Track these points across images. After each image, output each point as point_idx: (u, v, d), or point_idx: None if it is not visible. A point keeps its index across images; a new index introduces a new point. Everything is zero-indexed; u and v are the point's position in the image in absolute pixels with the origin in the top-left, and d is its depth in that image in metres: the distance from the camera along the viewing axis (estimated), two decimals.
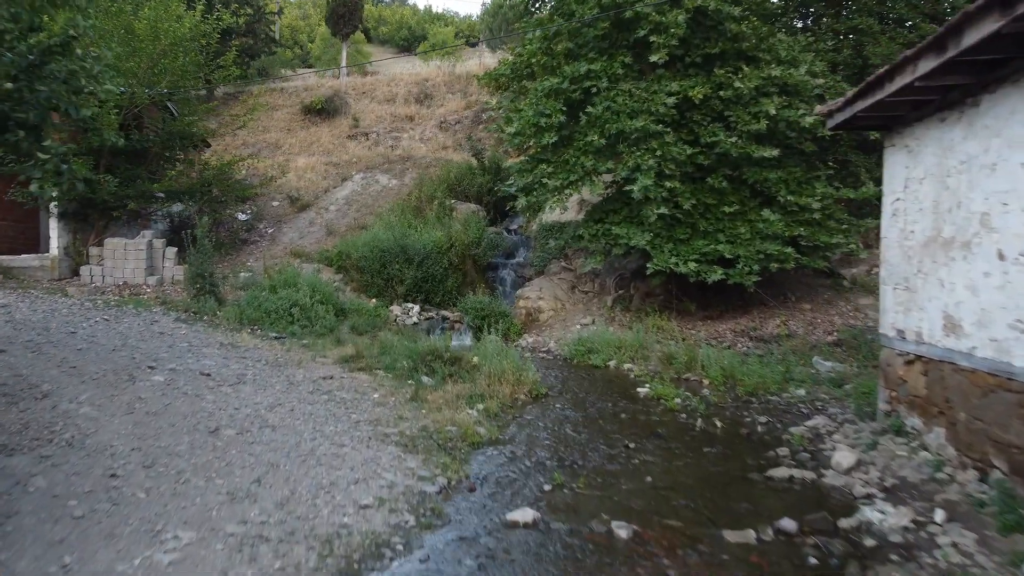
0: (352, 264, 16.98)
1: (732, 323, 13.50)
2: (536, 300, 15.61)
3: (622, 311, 14.76)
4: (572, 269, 16.80)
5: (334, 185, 23.66)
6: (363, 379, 9.29)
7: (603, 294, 15.71)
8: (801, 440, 7.17)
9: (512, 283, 18.49)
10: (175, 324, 12.25)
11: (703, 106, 13.13)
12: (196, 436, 6.41)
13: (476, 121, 28.30)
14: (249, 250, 19.95)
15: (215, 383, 8.37)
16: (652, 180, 12.17)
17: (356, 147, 27.14)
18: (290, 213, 22.26)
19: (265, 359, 9.97)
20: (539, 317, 15.36)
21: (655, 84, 13.04)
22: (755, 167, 13.13)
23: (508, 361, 9.50)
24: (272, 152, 27.34)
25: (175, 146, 18.19)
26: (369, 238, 17.16)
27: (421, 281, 16.67)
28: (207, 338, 11.21)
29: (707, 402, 9.05)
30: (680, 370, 10.93)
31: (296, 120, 29.65)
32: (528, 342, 14.11)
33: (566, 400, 9.25)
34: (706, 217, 13.18)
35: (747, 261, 12.49)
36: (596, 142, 12.67)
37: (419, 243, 17.03)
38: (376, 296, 16.46)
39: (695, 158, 12.86)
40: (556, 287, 16.16)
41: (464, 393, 8.72)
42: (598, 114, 12.76)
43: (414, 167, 24.38)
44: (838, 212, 13.52)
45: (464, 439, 6.99)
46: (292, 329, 12.70)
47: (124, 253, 16.02)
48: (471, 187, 21.65)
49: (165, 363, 9.15)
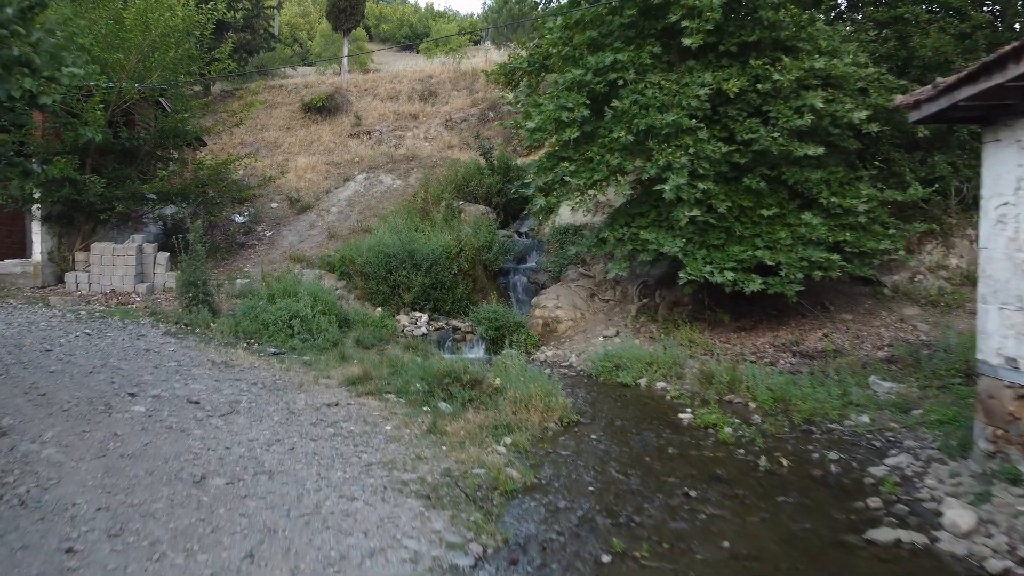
0: (356, 270, 15.90)
1: (770, 336, 12.44)
2: (553, 309, 14.55)
3: (647, 321, 13.70)
4: (591, 275, 15.74)
5: (336, 186, 22.60)
6: (372, 405, 8.22)
7: (625, 303, 14.65)
8: (892, 487, 6.10)
9: (524, 289, 17.43)
10: (164, 339, 11.18)
11: (738, 100, 12.07)
12: (178, 488, 5.34)
13: (483, 119, 27.25)
14: (246, 254, 18.88)
15: (204, 413, 7.30)
16: (685, 179, 11.12)
17: (358, 146, 26.09)
18: (290, 215, 21.20)
19: (262, 381, 8.90)
20: (557, 328, 14.30)
21: (686, 76, 11.98)
22: (795, 167, 12.07)
23: (535, 385, 8.43)
24: (271, 151, 26.28)
25: (168, 144, 17.12)
26: (373, 242, 16.08)
27: (429, 288, 15.60)
28: (198, 355, 10.13)
29: (762, 432, 7.99)
30: (721, 391, 9.87)
31: (296, 118, 28.58)
32: (547, 356, 13.04)
33: (602, 429, 8.19)
34: (742, 221, 12.12)
35: (789, 269, 11.44)
36: (623, 138, 11.60)
37: (426, 248, 15.96)
38: (381, 305, 15.40)
39: (730, 156, 11.80)
40: (574, 295, 15.09)
41: (488, 423, 7.65)
42: (625, 108, 11.70)
43: (419, 167, 23.32)
44: (883, 215, 12.48)
45: (495, 486, 5.92)
46: (292, 343, 11.64)
47: (112, 259, 14.96)
48: (479, 188, 20.58)
49: (148, 388, 8.08)
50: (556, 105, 11.98)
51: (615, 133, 11.74)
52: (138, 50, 14.61)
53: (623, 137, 11.61)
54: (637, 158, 11.85)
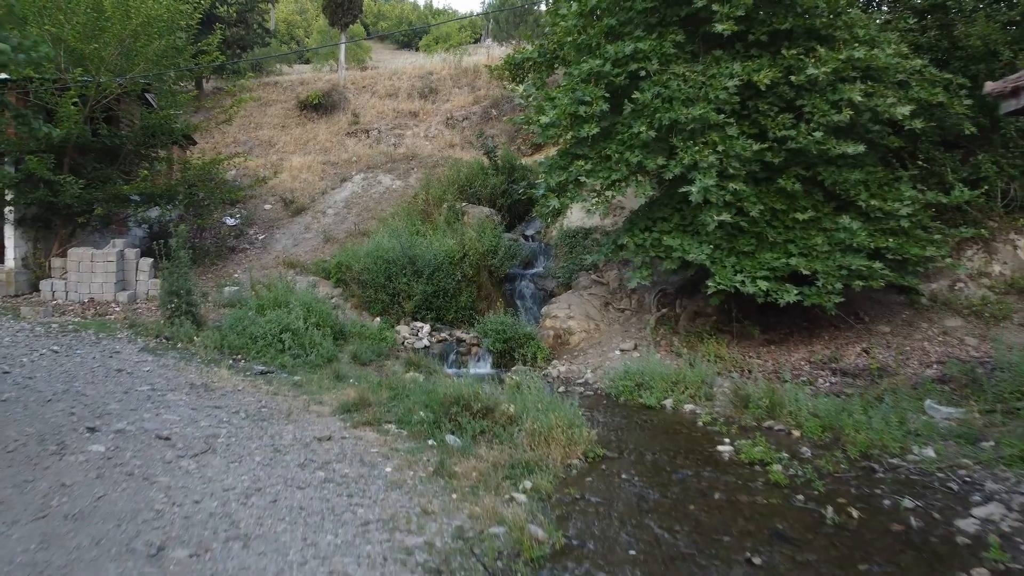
0: (353, 277, 14.87)
1: (804, 351, 11.42)
2: (565, 320, 13.52)
3: (668, 333, 12.68)
4: (604, 282, 14.71)
5: (332, 186, 21.58)
6: (370, 439, 7.19)
7: (642, 312, 13.63)
8: (998, 552, 5.08)
9: (532, 297, 16.42)
10: (140, 356, 10.14)
11: (769, 93, 11.06)
12: (128, 566, 4.32)
13: (485, 117, 26.24)
14: (237, 259, 17.85)
15: (174, 453, 6.28)
16: (714, 180, 10.10)
17: (356, 145, 25.06)
18: (283, 217, 20.18)
19: (245, 409, 7.86)
20: (569, 340, 13.28)
21: (713, 67, 10.97)
22: (831, 166, 11.07)
23: (555, 414, 7.40)
24: (265, 150, 25.26)
25: (155, 143, 16.08)
26: (372, 247, 15.05)
27: (431, 297, 14.57)
28: (176, 377, 9.10)
29: (818, 470, 6.97)
30: (759, 416, 8.85)
31: (291, 116, 27.54)
32: (560, 371, 12.01)
33: (632, 465, 7.16)
34: (773, 225, 11.10)
35: (827, 278, 10.43)
36: (644, 134, 10.58)
37: (428, 253, 14.94)
38: (380, 314, 14.38)
39: (762, 155, 10.79)
40: (587, 304, 14.07)
41: (503, 461, 6.63)
42: (646, 101, 10.68)
43: (419, 166, 22.31)
44: (925, 219, 11.48)
45: (518, 551, 4.89)
46: (282, 360, 10.61)
47: (91, 265, 13.92)
48: (483, 189, 19.56)
49: (113, 420, 7.05)
50: (572, 99, 10.95)
51: (635, 129, 10.72)
52: (118, 40, 13.56)
53: (644, 133, 10.59)
54: (659, 156, 10.82)
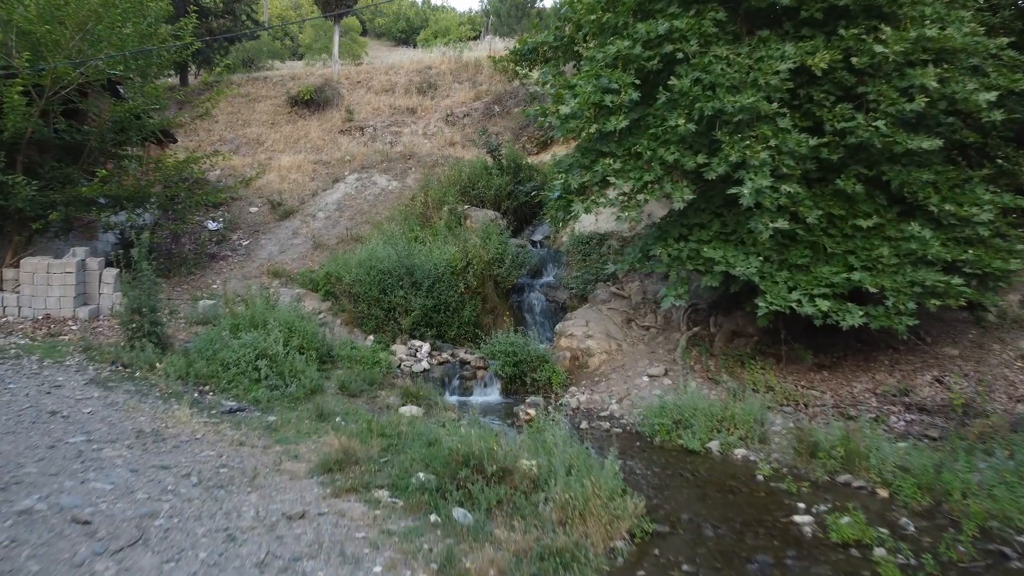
0: (343, 290, 13.26)
1: (866, 379, 9.84)
2: (583, 339, 11.93)
3: (701, 356, 11.09)
4: (625, 295, 13.12)
5: (323, 187, 19.97)
6: (356, 515, 5.59)
7: (670, 331, 12.04)
8: None
9: (543, 310, 14.83)
10: (86, 391, 8.53)
11: (825, 79, 9.50)
12: None
13: (488, 113, 24.66)
14: (218, 267, 16.24)
15: (90, 548, 4.68)
16: (769, 180, 8.53)
17: (350, 143, 23.47)
18: (270, 221, 18.57)
19: (200, 470, 6.26)
20: (588, 363, 11.68)
21: (760, 48, 9.39)
22: (897, 165, 9.50)
23: (592, 479, 5.81)
24: (252, 149, 23.65)
25: (128, 140, 14.47)
26: (365, 256, 13.43)
27: (431, 311, 12.97)
28: (123, 420, 7.49)
29: (934, 555, 5.39)
30: (832, 468, 7.27)
31: (281, 113, 25.94)
32: (579, 402, 10.43)
33: (692, 548, 5.58)
34: (830, 234, 9.54)
35: (897, 296, 8.86)
36: (682, 128, 8.99)
37: (428, 262, 13.34)
38: (374, 332, 12.78)
39: (818, 151, 9.23)
40: (607, 320, 12.48)
41: (530, 549, 5.05)
42: (684, 88, 9.10)
43: (418, 166, 20.71)
44: (1005, 227, 9.93)
45: None
46: (256, 393, 9.01)
47: (47, 277, 12.31)
48: (487, 190, 17.95)
49: (21, 493, 5.44)
50: (596, 86, 9.36)
51: (671, 121, 9.14)
52: (76, 22, 11.94)
53: (682, 126, 9.00)
54: (699, 153, 9.23)
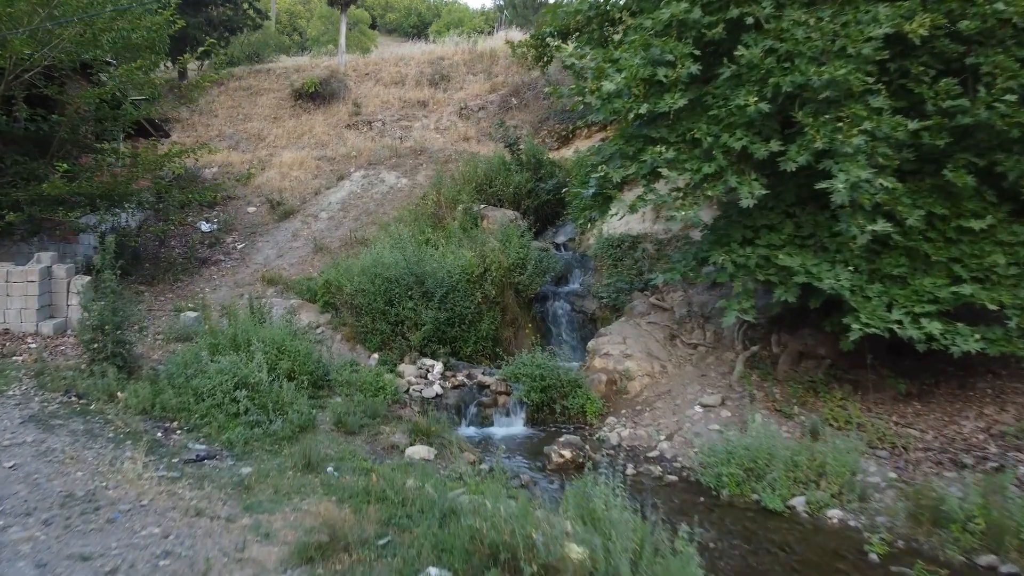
0: (344, 301, 11.62)
1: (974, 414, 8.09)
2: (621, 359, 10.25)
3: (763, 381, 9.38)
4: (666, 307, 11.42)
5: (327, 185, 18.37)
6: None
7: (721, 349, 10.34)
8: None
9: (569, 322, 13.19)
10: (20, 431, 6.92)
11: (923, 50, 7.78)
12: None
13: (504, 106, 22.97)
14: (209, 274, 14.67)
15: None
16: (868, 171, 6.82)
17: (356, 138, 21.86)
18: (269, 222, 17.00)
19: (132, 562, 4.61)
20: (628, 387, 9.99)
21: (847, 11, 7.67)
22: (1015, 153, 7.77)
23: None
24: (253, 144, 22.08)
25: (106, 131, 12.93)
26: (369, 262, 11.77)
27: (444, 325, 11.33)
28: (53, 477, 5.87)
29: None
30: (967, 544, 5.58)
31: (284, 107, 24.36)
32: (622, 438, 8.74)
33: None
34: (930, 238, 7.81)
35: (1021, 315, 7.15)
36: (751, 108, 7.30)
37: (441, 269, 11.70)
38: (379, 349, 11.15)
39: (918, 136, 7.51)
40: (647, 337, 10.80)
41: None
42: (755, 60, 7.41)
43: (429, 162, 19.08)
44: None
45: None
46: (232, 433, 7.38)
47: (6, 286, 10.75)
48: (505, 187, 16.28)
49: None
50: (646, 58, 7.66)
51: (737, 100, 7.44)
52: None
53: (751, 106, 7.31)
54: (771, 139, 7.53)
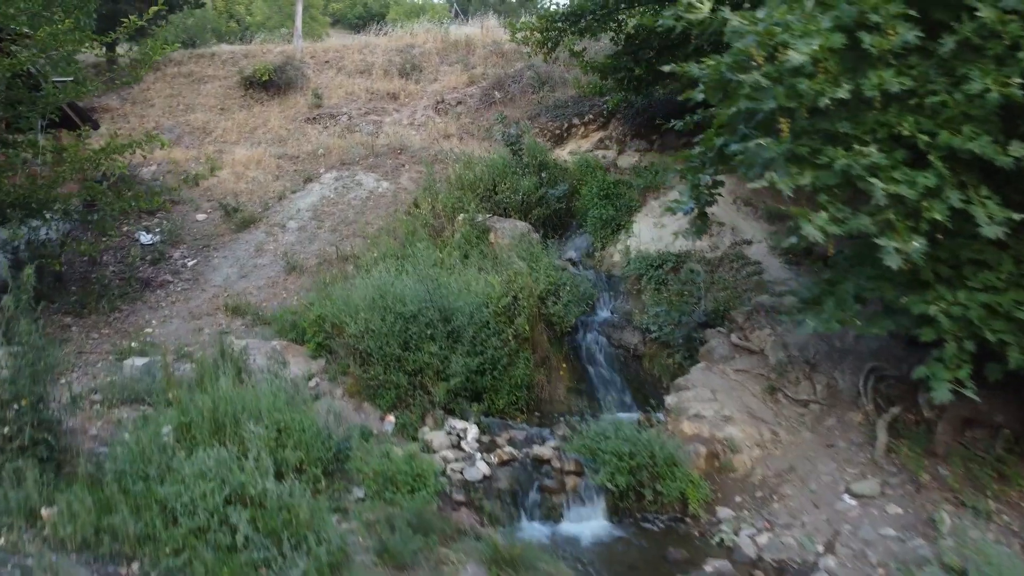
0: (346, 344, 8.93)
1: None
2: (718, 422, 7.91)
3: (920, 456, 7.17)
4: (751, 347, 9.14)
5: (293, 189, 15.54)
6: None
7: (840, 407, 8.11)
8: None
9: (609, 360, 10.87)
10: None
11: None
12: None
13: (487, 100, 20.43)
14: (154, 299, 11.77)
15: None
16: None
17: (320, 134, 19.00)
18: (224, 232, 14.12)
19: None
20: (734, 463, 7.64)
21: None
22: None
23: None
24: (198, 139, 19.01)
25: (21, 118, 9.93)
26: (375, 292, 9.12)
27: (475, 373, 8.84)
28: None
29: None
30: None
31: (233, 96, 21.25)
32: (757, 546, 6.40)
33: None
34: None
35: None
36: (991, 95, 5.06)
37: (465, 301, 9.18)
38: (393, 407, 8.55)
39: None
40: (740, 390, 8.50)
41: None
42: (993, 23, 5.16)
43: (412, 162, 16.44)
44: None
45: None
46: None
47: None
48: (512, 194, 13.82)
49: None
50: (838, 16, 5.29)
51: (975, 83, 5.17)
52: None
53: (992, 92, 5.06)
54: (1012, 139, 5.29)
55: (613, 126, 18.59)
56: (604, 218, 13.47)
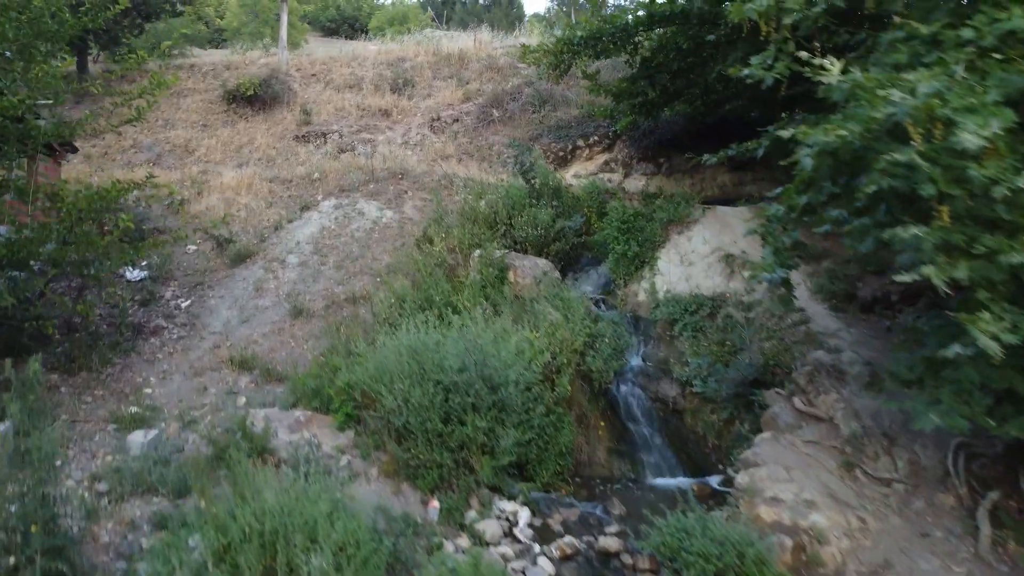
0: (382, 418, 8.02)
1: None
2: (800, 507, 7.18)
3: None
4: (822, 417, 8.46)
5: (289, 218, 14.54)
6: None
7: (926, 487, 7.46)
8: None
9: (648, 416, 10.19)
10: None
11: None
12: None
13: (484, 119, 19.59)
14: (150, 350, 10.73)
15: None
16: None
17: (310, 153, 17.99)
18: (219, 268, 13.10)
19: None
20: (822, 557, 6.92)
21: None
22: None
23: None
24: (179, 159, 17.89)
25: (5, 154, 8.83)
26: (408, 352, 8.23)
27: (523, 445, 8.02)
28: None
29: None
30: None
31: (216, 111, 20.11)
32: None
33: None
34: None
35: None
36: None
37: (505, 360, 8.34)
38: (434, 488, 7.69)
39: None
40: (815, 466, 7.80)
41: None
42: None
43: (414, 188, 15.55)
44: None
45: None
46: None
47: None
48: (530, 228, 13.02)
49: None
50: (1005, 87, 4.62)
51: None
52: None
53: None
54: None
55: (619, 148, 17.97)
56: (628, 255, 12.71)
